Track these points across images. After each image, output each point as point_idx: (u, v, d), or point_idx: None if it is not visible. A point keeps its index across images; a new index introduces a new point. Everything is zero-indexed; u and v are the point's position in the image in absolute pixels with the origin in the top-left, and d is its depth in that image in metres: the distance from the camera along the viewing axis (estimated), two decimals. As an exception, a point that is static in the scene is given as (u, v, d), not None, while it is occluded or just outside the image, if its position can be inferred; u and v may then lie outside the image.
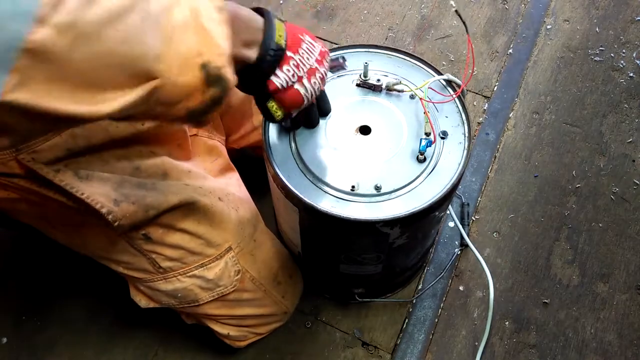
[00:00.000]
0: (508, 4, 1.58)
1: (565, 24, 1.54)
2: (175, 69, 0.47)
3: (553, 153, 1.33)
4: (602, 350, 1.10)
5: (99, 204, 0.70)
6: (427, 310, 1.14)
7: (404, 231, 0.79)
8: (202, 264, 0.85)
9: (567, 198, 1.27)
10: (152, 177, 0.77)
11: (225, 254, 0.86)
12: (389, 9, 1.59)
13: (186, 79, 0.48)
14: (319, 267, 1.04)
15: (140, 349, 1.12)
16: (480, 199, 1.27)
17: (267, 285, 0.96)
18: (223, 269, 0.87)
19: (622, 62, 1.46)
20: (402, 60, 0.90)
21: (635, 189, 1.27)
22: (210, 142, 0.94)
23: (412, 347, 1.10)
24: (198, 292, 0.88)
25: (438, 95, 0.84)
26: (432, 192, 0.76)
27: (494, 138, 1.35)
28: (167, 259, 0.83)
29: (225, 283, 0.89)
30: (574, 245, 1.21)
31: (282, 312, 1.03)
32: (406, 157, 0.79)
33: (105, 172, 0.72)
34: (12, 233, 1.24)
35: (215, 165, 0.92)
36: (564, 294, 1.15)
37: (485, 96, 1.42)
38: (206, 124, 0.57)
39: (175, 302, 0.90)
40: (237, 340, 1.01)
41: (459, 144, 0.81)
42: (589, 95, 1.41)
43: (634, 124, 1.36)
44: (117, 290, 1.03)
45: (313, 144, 0.81)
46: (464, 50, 1.49)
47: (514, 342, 1.11)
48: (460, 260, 1.19)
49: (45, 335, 1.14)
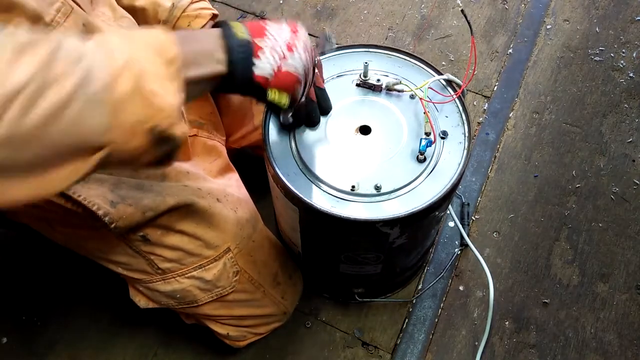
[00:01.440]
0: (508, 4, 1.58)
1: (565, 24, 1.54)
2: (123, 138, 0.47)
3: (553, 153, 1.33)
4: (602, 350, 1.10)
5: (95, 206, 0.70)
6: (427, 310, 1.14)
7: (404, 231, 0.79)
8: (201, 265, 0.85)
9: (567, 198, 1.27)
10: (150, 178, 0.77)
11: (223, 255, 0.86)
12: (389, 9, 1.59)
13: (134, 144, 0.48)
14: (319, 267, 1.04)
15: (140, 349, 1.12)
16: (480, 199, 1.27)
17: (266, 286, 0.96)
18: (222, 270, 0.87)
19: (622, 62, 1.46)
20: (402, 60, 0.89)
21: (635, 189, 1.27)
22: (210, 143, 0.94)
23: (412, 347, 1.10)
24: (197, 293, 0.88)
25: (438, 95, 0.84)
26: (432, 192, 0.76)
27: (494, 138, 1.35)
28: (165, 260, 0.82)
29: (224, 284, 0.89)
30: (574, 245, 1.21)
31: (282, 313, 1.02)
32: (406, 157, 0.79)
33: (103, 174, 0.72)
34: (12, 233, 1.24)
35: (214, 166, 0.92)
36: (564, 294, 1.15)
37: (485, 96, 1.42)
38: (172, 163, 0.57)
39: (174, 302, 0.89)
40: (237, 340, 1.01)
41: (459, 143, 0.81)
42: (589, 95, 1.41)
43: (634, 124, 1.36)
44: (116, 290, 1.03)
45: (313, 143, 0.81)
46: (464, 50, 1.49)
47: (514, 342, 1.11)
48: (460, 260, 1.19)
49: (45, 335, 1.14)
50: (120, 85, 0.46)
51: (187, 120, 0.87)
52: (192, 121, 0.91)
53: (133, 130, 0.48)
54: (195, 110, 0.93)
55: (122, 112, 0.46)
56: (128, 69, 0.47)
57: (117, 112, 0.46)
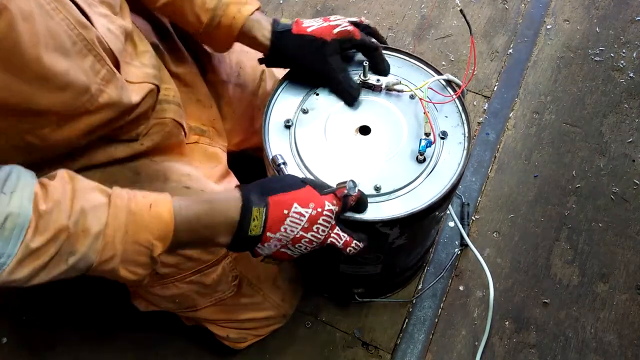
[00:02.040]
0: (508, 4, 1.58)
1: (565, 24, 1.54)
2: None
3: (553, 153, 1.33)
4: (602, 350, 1.10)
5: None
6: (427, 310, 1.14)
7: (404, 231, 0.79)
8: (199, 269, 0.84)
9: (567, 198, 1.27)
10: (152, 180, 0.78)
11: (222, 259, 0.85)
12: (389, 9, 1.59)
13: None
14: (319, 267, 1.04)
15: (140, 349, 1.12)
16: (480, 199, 1.27)
17: (266, 290, 0.95)
18: (220, 275, 0.86)
19: (622, 62, 1.46)
20: (402, 60, 0.89)
21: (635, 189, 1.27)
22: (211, 150, 0.94)
23: (412, 347, 1.10)
24: (196, 297, 0.87)
25: (438, 96, 0.84)
26: (432, 192, 0.76)
27: (494, 138, 1.35)
28: (163, 265, 0.82)
29: (223, 288, 0.88)
30: (574, 245, 1.21)
31: (281, 315, 1.02)
32: (406, 157, 0.79)
33: (104, 177, 0.73)
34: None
35: (215, 172, 0.92)
36: (564, 294, 1.15)
37: (485, 96, 1.42)
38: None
39: (174, 306, 0.89)
40: (237, 342, 1.01)
41: (458, 144, 0.81)
42: (589, 95, 1.41)
43: (634, 124, 1.36)
44: (116, 290, 1.03)
45: (313, 144, 0.81)
46: (464, 50, 1.49)
47: (514, 342, 1.11)
48: (460, 260, 1.19)
49: (45, 335, 1.14)
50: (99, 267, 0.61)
51: (189, 127, 0.88)
52: (194, 128, 0.92)
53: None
54: (197, 117, 0.93)
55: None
56: (114, 261, 0.60)
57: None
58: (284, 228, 0.66)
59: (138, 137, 0.78)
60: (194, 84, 0.93)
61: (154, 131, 0.79)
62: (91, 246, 0.58)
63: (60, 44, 0.58)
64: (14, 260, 0.54)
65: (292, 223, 0.66)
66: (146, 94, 0.73)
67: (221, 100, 0.99)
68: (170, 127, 0.81)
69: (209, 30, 0.83)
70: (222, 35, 0.84)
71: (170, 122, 0.81)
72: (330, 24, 0.82)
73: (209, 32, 0.83)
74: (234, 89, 1.00)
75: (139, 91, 0.72)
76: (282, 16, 1.60)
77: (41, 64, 0.55)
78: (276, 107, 0.85)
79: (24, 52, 0.53)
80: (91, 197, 0.58)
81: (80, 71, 0.61)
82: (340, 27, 0.81)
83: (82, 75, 0.61)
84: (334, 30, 0.81)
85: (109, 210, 0.59)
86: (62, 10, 0.58)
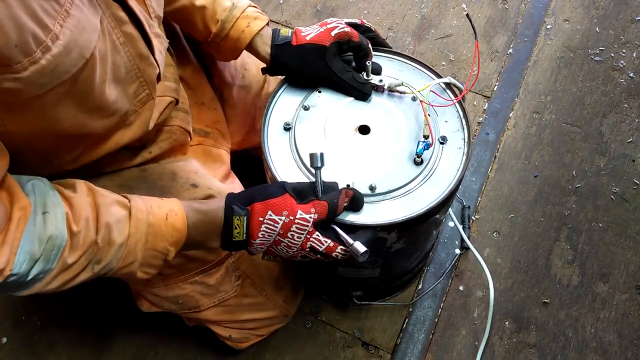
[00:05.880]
0: (508, 4, 1.58)
1: (565, 24, 1.54)
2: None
3: (553, 153, 1.33)
4: (602, 350, 1.10)
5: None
6: (427, 310, 1.14)
7: (402, 236, 0.79)
8: (203, 269, 0.84)
9: (567, 198, 1.27)
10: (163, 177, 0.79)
11: (225, 259, 0.86)
12: (389, 9, 1.59)
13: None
14: (317, 270, 1.03)
15: (140, 349, 1.12)
16: (480, 199, 1.27)
17: (269, 290, 0.96)
18: (224, 275, 0.86)
19: (622, 62, 1.46)
20: (403, 63, 0.89)
21: (635, 189, 1.27)
22: (215, 151, 0.95)
23: (412, 347, 1.10)
24: (199, 298, 0.88)
25: (439, 99, 0.84)
26: (430, 197, 0.76)
27: (494, 138, 1.35)
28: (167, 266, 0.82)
29: (226, 288, 0.89)
30: (574, 245, 1.21)
31: (283, 315, 1.02)
32: (403, 158, 0.79)
33: (115, 178, 0.76)
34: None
35: (218, 172, 0.92)
36: (564, 294, 1.15)
37: (485, 96, 1.42)
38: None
39: (177, 307, 0.89)
40: (239, 342, 1.01)
41: (458, 149, 0.80)
42: (589, 95, 1.41)
43: (634, 124, 1.36)
44: (117, 290, 1.03)
45: (312, 142, 0.80)
46: (464, 50, 1.49)
47: (514, 342, 1.11)
48: (460, 260, 1.19)
49: (45, 335, 1.14)
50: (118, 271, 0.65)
51: (193, 129, 0.89)
52: (198, 130, 0.92)
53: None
54: (202, 119, 0.94)
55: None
56: (133, 266, 0.66)
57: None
58: (262, 234, 0.69)
59: (146, 144, 0.79)
60: (199, 87, 0.94)
61: (162, 139, 0.81)
62: (115, 255, 0.63)
63: (118, 75, 0.62)
64: (51, 275, 0.59)
65: (267, 229, 0.69)
66: (165, 107, 0.77)
67: (225, 102, 0.99)
68: (177, 134, 0.83)
69: (217, 41, 0.84)
70: (229, 47, 0.85)
71: (177, 129, 0.83)
72: (328, 27, 0.82)
73: (216, 42, 0.84)
74: (238, 90, 1.00)
75: (160, 104, 0.75)
76: (282, 16, 1.60)
77: (103, 96, 0.59)
78: (276, 108, 0.85)
79: (94, 88, 0.58)
80: (113, 211, 0.63)
81: (125, 97, 0.65)
82: (337, 29, 0.81)
83: (127, 101, 0.66)
84: (332, 32, 0.81)
85: (130, 223, 0.64)
86: (128, 44, 0.62)
